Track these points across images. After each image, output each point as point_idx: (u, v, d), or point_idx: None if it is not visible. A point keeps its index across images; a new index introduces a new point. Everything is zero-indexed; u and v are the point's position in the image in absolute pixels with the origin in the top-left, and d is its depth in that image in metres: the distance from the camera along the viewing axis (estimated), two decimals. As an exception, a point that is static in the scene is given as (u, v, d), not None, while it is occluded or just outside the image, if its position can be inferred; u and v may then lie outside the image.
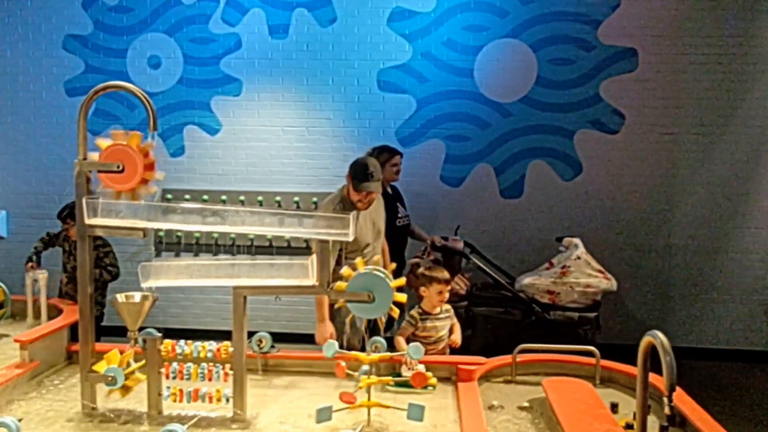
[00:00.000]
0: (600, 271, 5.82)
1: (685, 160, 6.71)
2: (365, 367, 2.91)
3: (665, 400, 2.02)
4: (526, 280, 5.91)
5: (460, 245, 6.10)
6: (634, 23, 6.61)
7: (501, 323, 5.91)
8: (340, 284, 2.80)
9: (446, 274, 4.23)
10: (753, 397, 5.85)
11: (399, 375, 3.24)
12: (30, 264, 5.19)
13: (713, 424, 2.58)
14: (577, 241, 5.95)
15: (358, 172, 4.43)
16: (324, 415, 2.71)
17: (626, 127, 6.72)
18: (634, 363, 2.37)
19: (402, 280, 2.90)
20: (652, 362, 2.24)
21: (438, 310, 4.22)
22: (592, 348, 3.32)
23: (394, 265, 3.14)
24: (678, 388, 2.70)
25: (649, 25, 6.61)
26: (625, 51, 6.65)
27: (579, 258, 5.80)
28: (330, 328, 4.36)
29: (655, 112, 6.69)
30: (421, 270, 4.34)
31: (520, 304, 5.93)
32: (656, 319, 6.77)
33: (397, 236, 5.75)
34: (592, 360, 3.32)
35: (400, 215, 5.85)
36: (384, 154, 5.82)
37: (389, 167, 5.80)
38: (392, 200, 5.80)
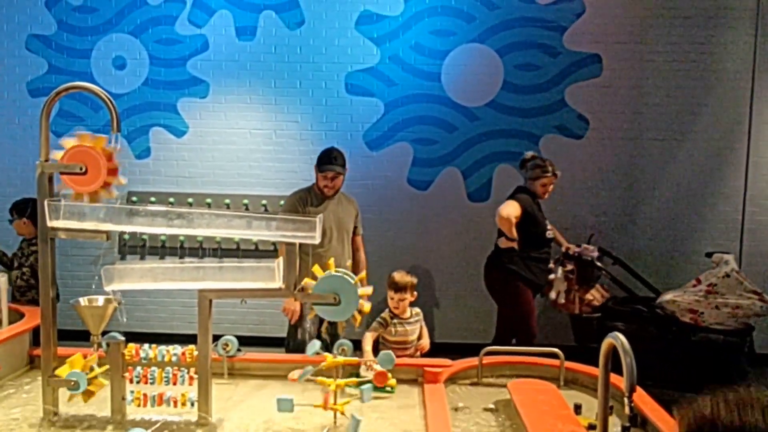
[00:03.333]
0: (755, 292, 5.25)
1: (648, 165, 6.82)
2: (309, 368, 2.89)
3: (625, 400, 2.06)
4: (668, 296, 5.48)
5: (594, 254, 5.70)
6: (598, 30, 6.71)
7: (634, 341, 5.54)
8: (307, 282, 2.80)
9: (406, 280, 4.22)
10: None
11: (358, 375, 3.25)
12: None
13: (673, 424, 2.63)
14: (728, 257, 5.42)
15: (322, 157, 4.93)
16: (285, 405, 2.70)
17: (591, 132, 6.81)
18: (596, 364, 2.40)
19: (367, 290, 2.89)
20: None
21: (408, 313, 4.24)
22: (556, 350, 3.37)
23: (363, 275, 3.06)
24: (639, 389, 2.76)
25: (613, 33, 6.71)
26: (589, 57, 6.74)
27: (728, 276, 5.26)
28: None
29: (619, 118, 6.79)
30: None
31: (659, 322, 5.46)
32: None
33: (546, 247, 5.57)
34: (557, 362, 3.37)
35: (549, 227, 5.61)
36: (536, 170, 5.59)
37: (538, 184, 5.57)
38: (541, 212, 5.62)
